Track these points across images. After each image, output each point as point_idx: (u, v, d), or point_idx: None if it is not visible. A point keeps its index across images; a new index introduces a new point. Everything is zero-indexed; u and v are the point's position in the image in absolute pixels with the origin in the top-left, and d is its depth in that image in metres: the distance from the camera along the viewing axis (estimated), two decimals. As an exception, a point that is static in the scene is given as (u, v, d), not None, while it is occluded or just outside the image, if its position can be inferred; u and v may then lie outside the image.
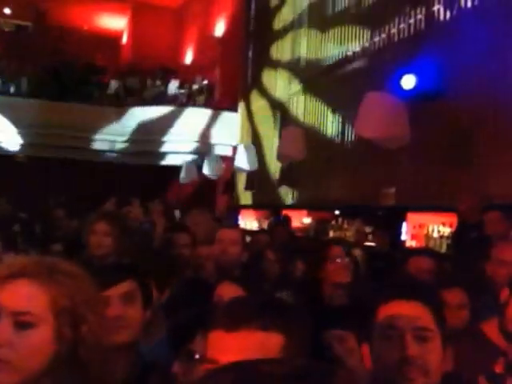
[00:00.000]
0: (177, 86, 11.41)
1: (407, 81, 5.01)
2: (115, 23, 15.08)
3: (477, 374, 1.32)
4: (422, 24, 5.53)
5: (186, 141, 10.53)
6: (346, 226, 6.18)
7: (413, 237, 5.25)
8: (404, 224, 5.27)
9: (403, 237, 5.27)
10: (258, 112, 9.25)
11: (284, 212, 6.87)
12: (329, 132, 6.88)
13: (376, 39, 6.20)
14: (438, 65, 4.97)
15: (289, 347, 0.81)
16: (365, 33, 6.41)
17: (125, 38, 15.35)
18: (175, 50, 13.95)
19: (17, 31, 14.67)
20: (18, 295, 0.92)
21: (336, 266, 2.30)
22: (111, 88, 11.50)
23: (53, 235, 4.15)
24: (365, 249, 2.87)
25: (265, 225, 7.23)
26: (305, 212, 7.10)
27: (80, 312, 0.94)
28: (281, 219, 6.19)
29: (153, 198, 7.46)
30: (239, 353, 0.75)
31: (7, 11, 14.49)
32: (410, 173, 5.35)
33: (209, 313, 1.06)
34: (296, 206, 7.20)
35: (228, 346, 0.81)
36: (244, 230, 5.48)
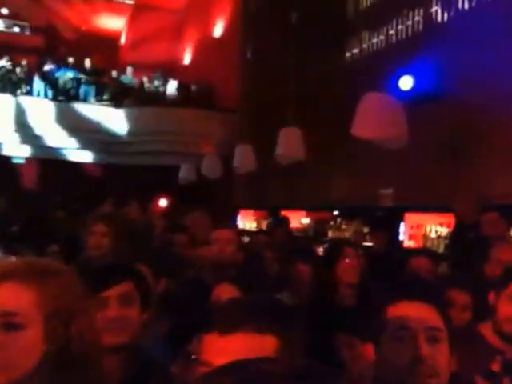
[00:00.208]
0: (175, 87, 11.42)
1: (405, 82, 5.04)
2: (114, 23, 15.07)
3: (474, 374, 1.33)
4: (420, 25, 5.56)
5: (185, 141, 10.55)
6: (345, 227, 6.21)
7: (411, 237, 5.28)
8: (402, 224, 5.30)
9: (401, 237, 5.29)
10: (257, 112, 9.26)
11: (283, 213, 6.89)
12: (327, 132, 6.90)
13: (374, 41, 6.23)
14: (436, 66, 5.00)
15: (283, 349, 0.81)
16: (363, 34, 6.44)
17: (123, 39, 15.35)
18: (174, 51, 13.96)
19: (15, 31, 14.63)
20: (7, 297, 0.92)
21: (347, 266, 2.32)
22: (109, 88, 11.50)
23: (51, 236, 4.14)
24: (363, 249, 2.88)
25: (263, 225, 7.25)
26: (303, 212, 7.13)
27: (70, 313, 0.94)
28: (279, 220, 6.20)
29: (151, 199, 7.47)
30: (233, 356, 0.73)
31: (4, 11, 14.47)
32: (408, 173, 5.37)
33: (207, 314, 1.07)
34: (295, 207, 7.22)
35: (222, 349, 0.80)
36: (239, 231, 5.51)
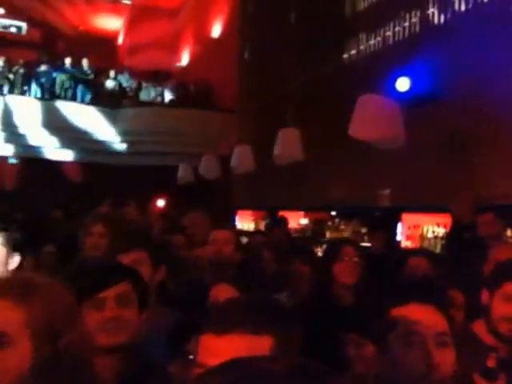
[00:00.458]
0: (173, 88, 11.44)
1: (402, 83, 5.07)
2: (111, 23, 15.07)
3: (470, 372, 1.35)
4: (417, 27, 5.60)
5: (183, 142, 10.56)
6: (343, 227, 6.25)
7: (408, 237, 5.32)
8: (399, 225, 5.33)
9: (398, 237, 5.33)
10: (255, 113, 9.28)
11: (281, 213, 6.91)
12: (325, 133, 6.93)
13: (371, 42, 6.26)
14: (433, 67, 5.04)
15: (279, 350, 0.81)
16: (360, 36, 6.47)
17: (120, 39, 15.35)
18: (171, 52, 13.96)
19: (11, 31, 14.61)
20: None
21: (343, 266, 2.29)
22: (106, 88, 11.50)
23: (48, 236, 4.14)
24: (362, 249, 2.89)
25: (262, 226, 7.26)
26: (301, 213, 7.16)
27: (58, 326, 0.92)
28: (277, 220, 6.22)
29: (150, 199, 7.49)
30: (228, 357, 0.71)
31: (1, 11, 14.45)
32: (405, 174, 5.41)
33: (205, 314, 1.07)
34: (293, 207, 7.25)
35: (217, 350, 0.80)
36: (237, 231, 5.51)
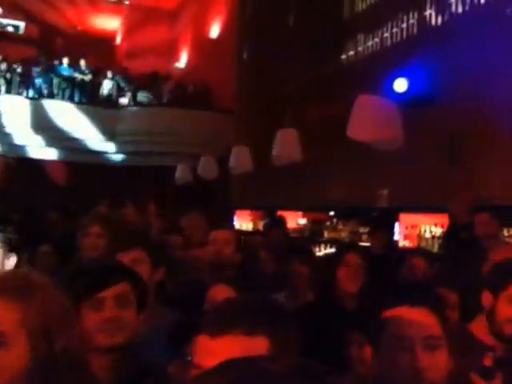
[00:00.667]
0: (171, 88, 11.45)
1: (400, 84, 5.10)
2: (109, 24, 15.08)
3: (468, 372, 1.34)
4: (415, 28, 5.63)
5: (181, 142, 10.59)
6: (341, 227, 6.28)
7: (405, 237, 5.35)
8: (397, 225, 5.36)
9: (396, 237, 5.36)
10: (253, 113, 9.31)
11: (279, 213, 6.94)
12: (323, 133, 6.96)
13: (369, 43, 6.30)
14: (430, 68, 5.07)
15: (275, 350, 0.80)
16: (359, 37, 6.51)
17: (119, 39, 15.35)
18: (169, 52, 13.98)
19: (14, 31, 14.62)
20: None
21: (347, 274, 2.28)
22: (104, 89, 11.51)
23: (45, 236, 4.15)
24: (363, 250, 2.87)
25: (260, 226, 7.29)
26: (300, 213, 7.19)
27: (54, 327, 0.92)
28: (276, 220, 6.24)
29: (148, 199, 7.49)
30: (223, 358, 0.72)
31: None
32: (403, 175, 5.44)
33: (202, 315, 1.07)
34: (291, 207, 7.28)
35: (213, 351, 0.80)
36: (238, 231, 5.53)
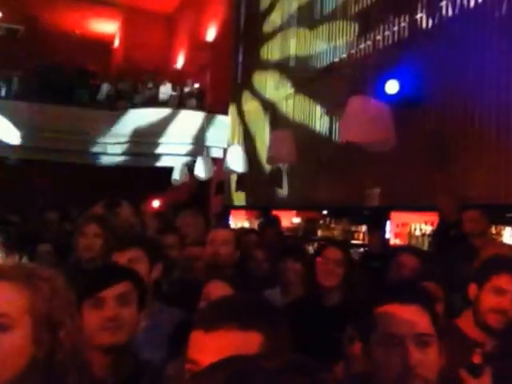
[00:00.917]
0: (169, 89, 11.53)
1: (391, 86, 5.19)
2: (107, 28, 15.16)
3: (457, 368, 1.34)
4: (406, 31, 5.73)
5: (178, 143, 10.66)
6: (334, 226, 6.36)
7: (396, 235, 5.43)
8: (388, 223, 5.45)
9: (387, 235, 5.44)
10: (249, 114, 9.39)
11: (274, 212, 7.02)
12: (317, 134, 7.05)
13: (361, 46, 6.40)
14: (421, 70, 5.16)
15: (269, 347, 0.81)
16: (351, 39, 6.61)
17: (116, 43, 15.43)
18: (166, 55, 14.07)
19: (8, 35, 14.68)
20: None
21: (324, 269, 2.27)
22: (103, 91, 11.59)
23: (43, 237, 4.20)
24: (343, 245, 2.89)
25: (255, 225, 7.36)
26: (294, 212, 7.27)
27: (58, 317, 0.93)
28: (271, 219, 6.32)
29: (145, 200, 7.57)
30: (218, 353, 0.74)
31: (-1, 15, 14.49)
32: (394, 174, 5.53)
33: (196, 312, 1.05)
34: (285, 207, 7.36)
35: (207, 346, 0.80)
36: (236, 230, 5.59)
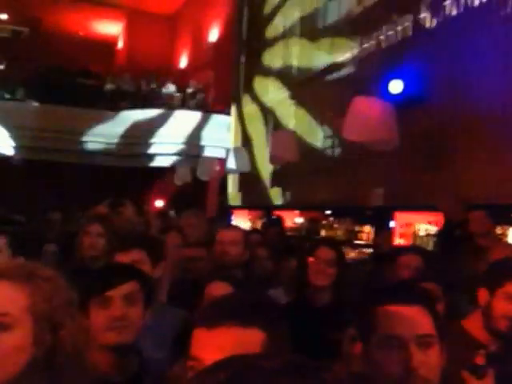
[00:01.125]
0: (172, 89, 11.57)
1: (395, 85, 5.18)
2: (111, 29, 15.22)
3: (460, 369, 1.33)
4: (409, 31, 5.72)
5: (180, 143, 10.68)
6: (337, 226, 6.35)
7: (401, 235, 5.41)
8: (392, 223, 5.42)
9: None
10: (250, 115, 9.40)
11: (277, 213, 7.01)
12: (319, 136, 7.04)
13: (365, 45, 6.38)
14: (425, 70, 5.15)
15: (270, 344, 0.81)
16: (354, 39, 6.59)
17: (120, 44, 15.49)
18: (169, 55, 14.12)
19: (13, 36, 14.76)
20: None
21: (315, 269, 2.25)
22: (106, 92, 11.62)
23: (47, 237, 4.20)
24: (336, 245, 2.82)
25: (258, 225, 7.35)
26: (297, 212, 7.26)
27: (58, 317, 0.93)
28: (274, 219, 6.31)
29: (148, 200, 7.58)
30: (220, 350, 0.75)
31: (3, 17, 14.59)
32: (398, 174, 5.51)
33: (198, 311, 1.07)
34: (288, 207, 7.35)
35: (209, 344, 0.81)
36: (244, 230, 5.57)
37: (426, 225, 5.12)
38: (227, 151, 7.72)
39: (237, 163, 7.18)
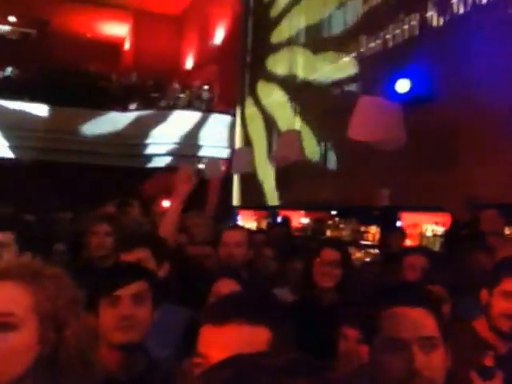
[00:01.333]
0: (179, 90, 11.60)
1: (401, 85, 5.14)
2: (117, 30, 15.29)
3: (467, 370, 1.33)
4: (416, 30, 5.68)
5: (185, 143, 10.70)
6: (343, 226, 6.32)
7: (407, 236, 5.36)
8: (398, 223, 5.39)
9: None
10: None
11: (282, 213, 7.00)
12: (325, 133, 7.02)
13: (371, 45, 6.36)
14: (432, 69, 5.11)
15: (276, 343, 0.81)
16: (360, 39, 6.57)
17: (127, 45, 15.56)
18: (175, 56, 14.16)
19: (21, 38, 14.88)
20: (2, 296, 0.91)
21: (320, 270, 2.28)
22: (112, 92, 11.67)
23: (56, 236, 4.23)
24: (341, 246, 2.80)
25: (263, 225, 7.34)
26: (303, 212, 7.24)
27: (63, 316, 0.93)
28: (281, 219, 6.31)
29: (154, 200, 7.58)
30: (226, 347, 0.76)
31: (12, 19, 14.70)
32: (404, 174, 5.47)
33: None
34: (293, 207, 7.33)
35: (215, 341, 0.81)
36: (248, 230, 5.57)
37: (433, 225, 5.08)
38: (230, 151, 7.72)
39: (241, 163, 7.18)
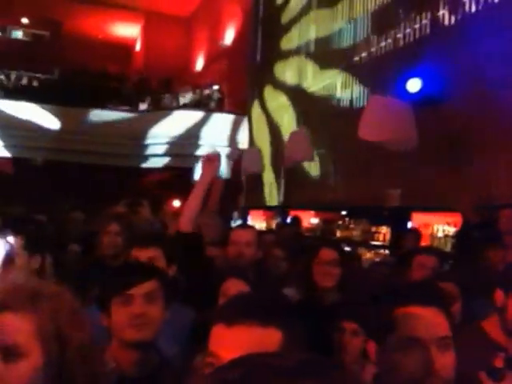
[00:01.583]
0: (189, 90, 11.65)
1: (413, 84, 5.10)
2: (129, 31, 15.41)
3: (476, 370, 1.31)
4: (427, 29, 5.64)
5: (196, 143, 10.75)
6: (353, 226, 6.29)
7: (418, 236, 5.32)
8: (409, 224, 5.35)
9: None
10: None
11: (293, 213, 6.99)
12: (335, 133, 6.99)
13: (382, 44, 6.32)
14: (443, 68, 5.07)
15: (287, 344, 0.82)
16: (372, 38, 6.54)
17: (138, 46, 15.68)
18: (186, 57, 14.24)
19: (34, 40, 15.06)
20: (3, 329, 0.92)
21: (319, 271, 2.29)
22: (124, 93, 11.76)
23: (68, 237, 4.27)
24: (338, 245, 2.78)
25: (273, 225, 7.33)
26: (312, 213, 7.22)
27: (66, 333, 0.94)
28: (291, 219, 6.30)
29: (165, 200, 7.63)
30: (238, 347, 0.76)
31: (25, 21, 14.90)
32: (415, 174, 5.43)
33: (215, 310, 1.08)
34: (303, 207, 7.32)
35: (227, 341, 0.82)
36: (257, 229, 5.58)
37: (444, 226, 5.04)
38: (243, 151, 7.70)
39: (251, 164, 7.18)
